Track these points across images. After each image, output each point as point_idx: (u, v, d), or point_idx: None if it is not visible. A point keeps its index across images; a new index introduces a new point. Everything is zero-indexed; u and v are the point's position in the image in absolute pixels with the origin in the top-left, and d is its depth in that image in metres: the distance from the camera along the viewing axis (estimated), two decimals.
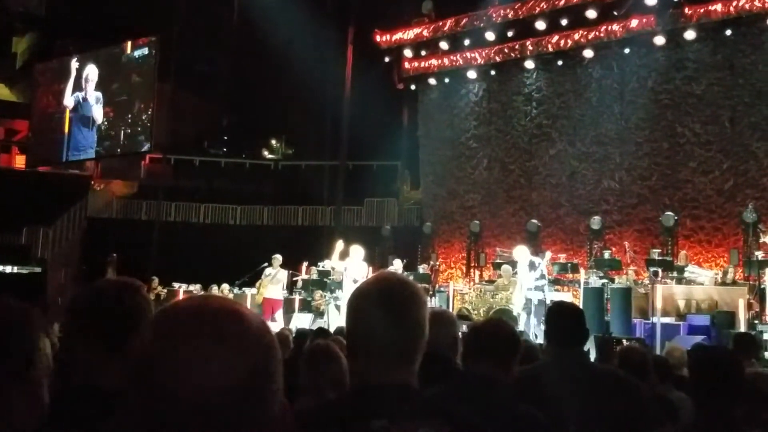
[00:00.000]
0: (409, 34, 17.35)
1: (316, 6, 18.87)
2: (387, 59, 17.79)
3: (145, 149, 20.76)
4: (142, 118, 20.27)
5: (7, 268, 14.34)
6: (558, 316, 3.02)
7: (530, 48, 15.94)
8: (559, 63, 15.97)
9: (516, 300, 11.91)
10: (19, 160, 24.20)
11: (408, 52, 17.61)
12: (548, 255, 12.46)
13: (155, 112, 20.15)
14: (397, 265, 13.69)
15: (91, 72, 21.20)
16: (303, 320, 12.81)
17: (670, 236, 14.18)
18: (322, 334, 5.78)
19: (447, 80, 17.66)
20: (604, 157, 15.35)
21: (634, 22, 14.51)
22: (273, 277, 13.72)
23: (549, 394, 2.60)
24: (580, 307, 4.77)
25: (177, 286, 15.58)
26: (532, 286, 11.63)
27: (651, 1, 13.98)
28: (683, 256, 13.26)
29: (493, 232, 16.64)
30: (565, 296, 12.84)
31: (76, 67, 21.50)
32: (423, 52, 17.59)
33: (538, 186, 16.22)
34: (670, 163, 14.61)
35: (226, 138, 25.03)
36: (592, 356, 6.75)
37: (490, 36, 16.11)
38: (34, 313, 1.42)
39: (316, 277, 13.95)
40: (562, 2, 14.96)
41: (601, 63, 15.48)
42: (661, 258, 13.20)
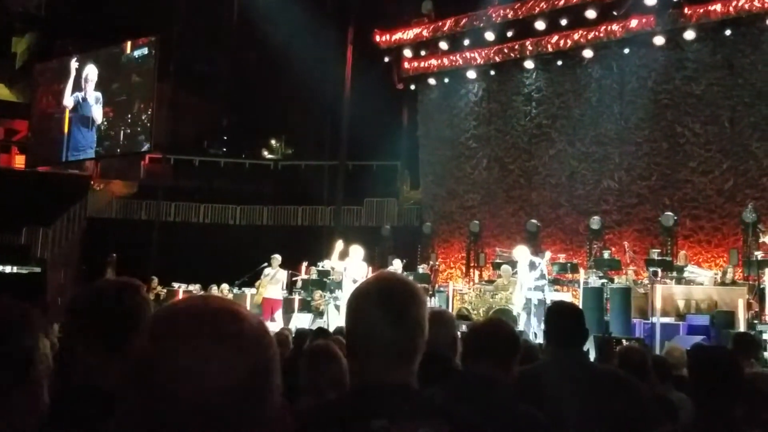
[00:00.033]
0: (409, 34, 17.34)
1: (316, 6, 18.85)
2: (387, 59, 17.78)
3: (144, 149, 20.75)
4: (142, 118, 20.27)
5: (7, 268, 14.36)
6: (558, 316, 3.02)
7: (530, 48, 15.94)
8: (559, 63, 15.97)
9: (516, 300, 11.92)
10: (19, 160, 24.17)
11: (408, 52, 17.61)
12: (548, 255, 12.46)
13: (155, 112, 20.14)
14: (396, 265, 13.69)
15: (91, 72, 21.19)
16: (302, 320, 12.79)
17: (669, 236, 14.18)
18: (322, 334, 5.78)
19: (447, 80, 17.65)
20: (604, 157, 15.35)
21: (634, 22, 14.51)
22: (272, 277, 13.73)
23: (549, 394, 2.60)
24: (580, 307, 4.78)
25: (176, 286, 15.56)
26: (531, 286, 11.64)
27: (650, 1, 13.98)
28: (683, 256, 13.26)
29: (493, 232, 16.63)
30: (565, 296, 12.83)
31: (75, 67, 21.48)
32: (423, 52, 17.59)
33: (538, 186, 16.22)
34: (670, 163, 14.61)
35: (226, 138, 25.00)
36: (592, 356, 6.74)
37: (490, 36, 16.10)
38: (34, 313, 1.42)
39: (315, 277, 13.95)
40: (562, 2, 14.95)
41: (601, 63, 15.48)
42: (660, 258, 13.21)
